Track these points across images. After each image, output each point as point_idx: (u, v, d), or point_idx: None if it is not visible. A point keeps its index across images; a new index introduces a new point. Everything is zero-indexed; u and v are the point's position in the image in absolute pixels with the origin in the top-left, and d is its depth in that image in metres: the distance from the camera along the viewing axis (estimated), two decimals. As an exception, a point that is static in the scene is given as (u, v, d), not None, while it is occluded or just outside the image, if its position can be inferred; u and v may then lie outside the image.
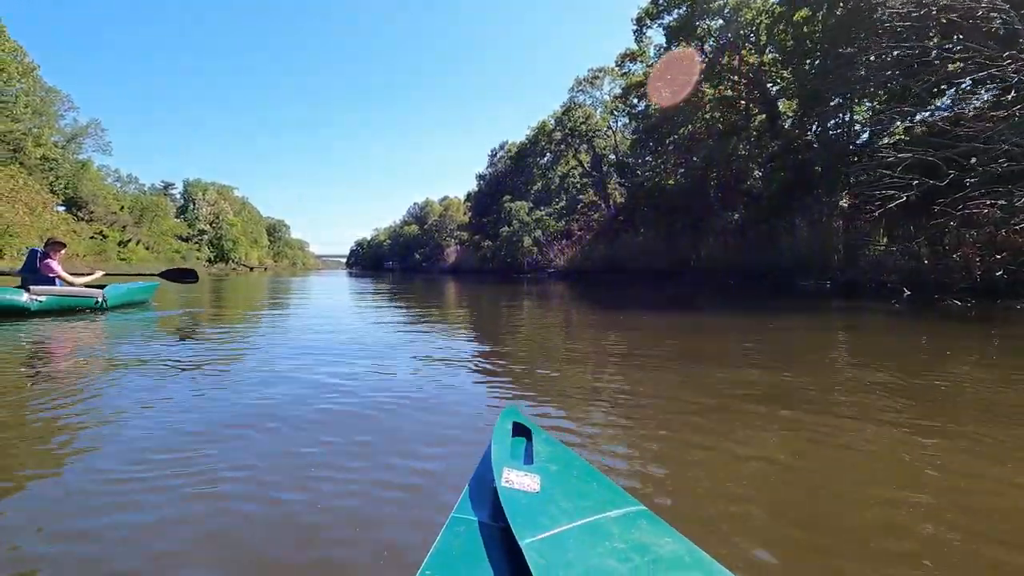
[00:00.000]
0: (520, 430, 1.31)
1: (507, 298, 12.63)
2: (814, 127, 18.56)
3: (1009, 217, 6.54)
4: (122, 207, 51.85)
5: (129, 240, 50.52)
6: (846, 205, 16.19)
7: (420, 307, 9.71)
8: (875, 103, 16.19)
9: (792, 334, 5.64)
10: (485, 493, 1.03)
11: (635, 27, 22.52)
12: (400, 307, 9.69)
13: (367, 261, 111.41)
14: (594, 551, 0.84)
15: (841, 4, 15.46)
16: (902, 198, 7.50)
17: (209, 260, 68.20)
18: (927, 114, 13.59)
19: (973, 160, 7.31)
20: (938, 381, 3.27)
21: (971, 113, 9.14)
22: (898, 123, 14.22)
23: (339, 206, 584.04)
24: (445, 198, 72.67)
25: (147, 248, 52.80)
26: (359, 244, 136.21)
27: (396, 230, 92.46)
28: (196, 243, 67.43)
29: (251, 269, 71.46)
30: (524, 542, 0.83)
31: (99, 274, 7.52)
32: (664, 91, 20.76)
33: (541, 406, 2.68)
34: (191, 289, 13.93)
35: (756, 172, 19.61)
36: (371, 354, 4.18)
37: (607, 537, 0.89)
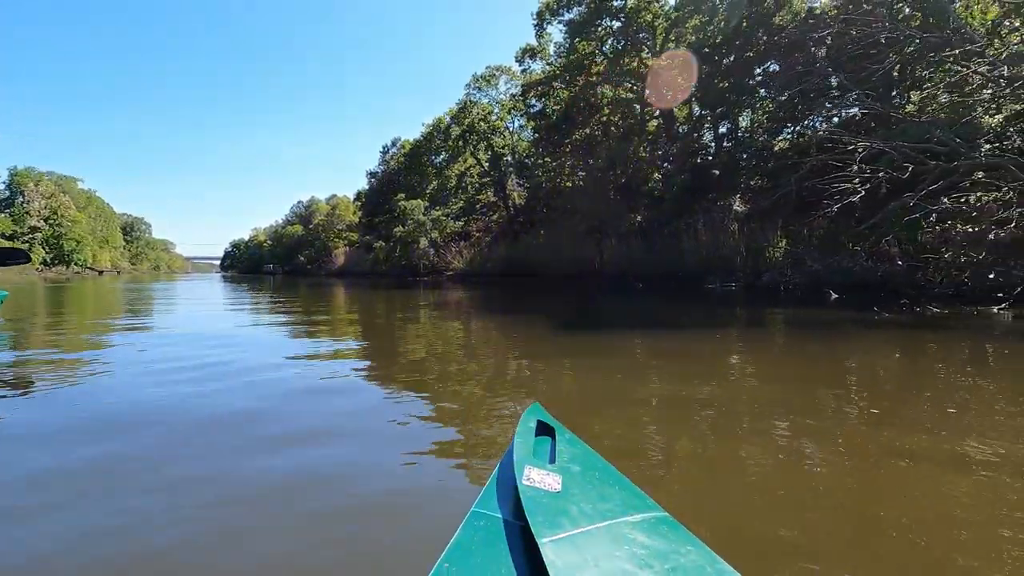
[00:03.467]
0: (544, 429, 1.30)
1: (404, 307, 11.14)
2: (708, 131, 19.01)
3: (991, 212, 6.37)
4: (-83, 197, 42.36)
5: (-73, 238, 41.37)
6: (740, 208, 16.60)
7: (313, 321, 7.97)
8: (763, 113, 16.79)
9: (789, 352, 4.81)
10: (506, 490, 1.02)
11: (536, 22, 21.83)
12: (288, 321, 7.89)
13: (244, 264, 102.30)
14: (613, 555, 0.83)
15: (738, 13, 15.76)
16: (860, 192, 7.21)
17: (45, 262, 58.31)
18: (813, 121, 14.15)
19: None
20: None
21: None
22: (790, 128, 14.73)
23: (213, 204, 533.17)
24: (333, 196, 68.26)
25: (-46, 247, 43.48)
26: (235, 245, 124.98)
27: (278, 230, 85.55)
28: (26, 242, 57.22)
29: (100, 273, 62.81)
30: (542, 541, 0.83)
31: None
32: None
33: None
34: (12, 299, 11.17)
35: (656, 175, 19.69)
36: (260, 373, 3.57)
37: (627, 542, 0.87)
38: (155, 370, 3.85)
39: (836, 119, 13.50)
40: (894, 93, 12.58)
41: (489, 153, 31.79)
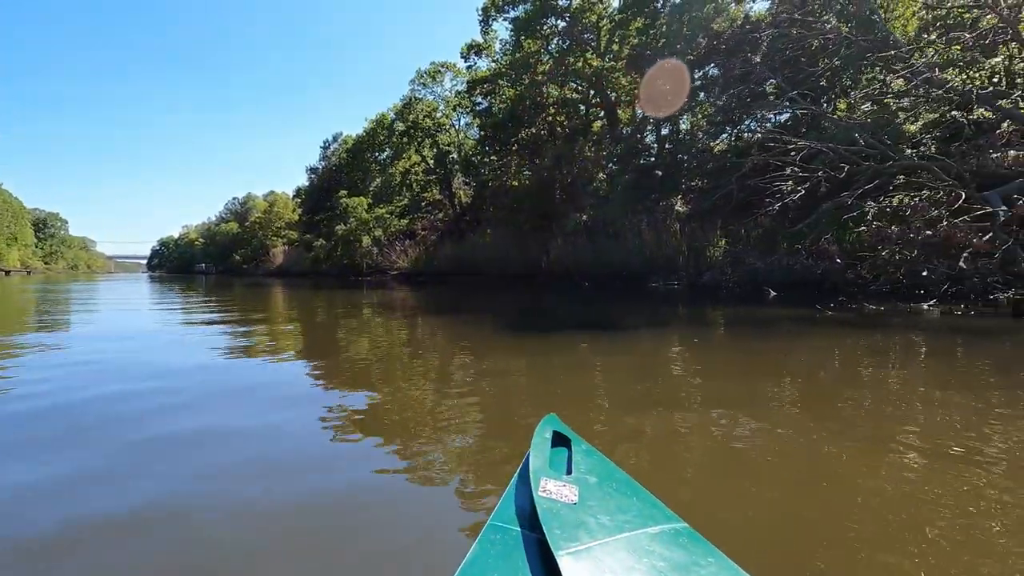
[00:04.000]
0: (560, 439, 1.27)
1: (345, 308, 10.67)
2: (651, 133, 19.36)
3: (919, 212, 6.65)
4: None
5: None
6: (682, 209, 16.96)
7: (248, 320, 7.42)
8: (702, 116, 17.23)
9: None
10: (522, 502, 0.99)
11: (481, 17, 21.58)
12: (219, 320, 7.31)
13: (174, 263, 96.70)
14: (632, 568, 0.81)
15: (678, 16, 16.08)
16: (800, 191, 7.42)
17: (-60, 262, 53.00)
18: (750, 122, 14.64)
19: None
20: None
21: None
22: (728, 131, 15.18)
23: (141, 200, 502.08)
24: (271, 193, 65.50)
25: None
26: (164, 244, 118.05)
27: (211, 228, 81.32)
28: (-83, 240, 51.82)
29: (7, 273, 57.78)
30: (559, 554, 0.81)
31: None
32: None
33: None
34: None
35: (601, 175, 19.87)
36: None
37: (646, 553, 0.85)
38: (30, 379, 3.36)
39: (769, 123, 14.01)
40: (823, 100, 13.17)
41: (434, 150, 31.25)
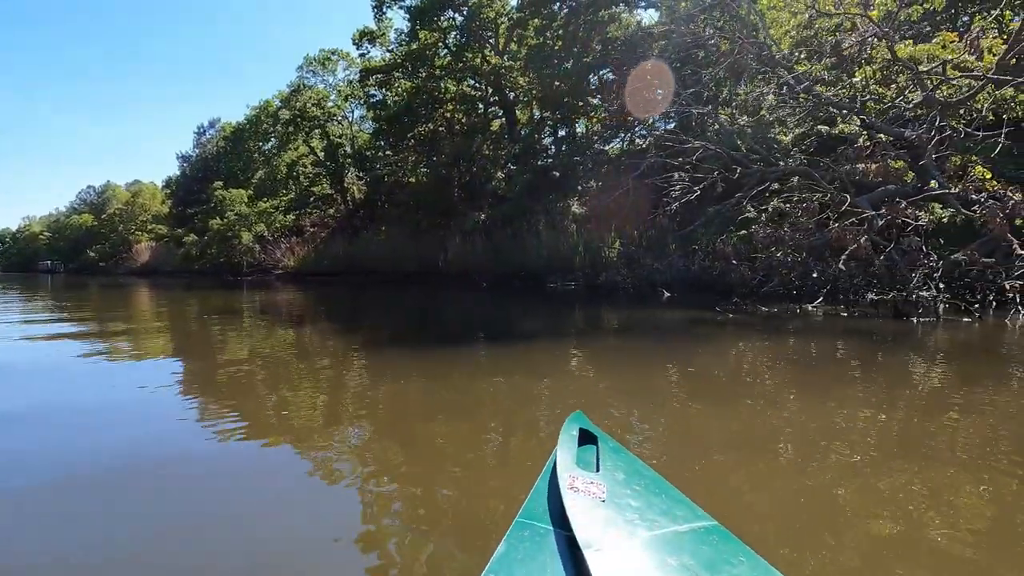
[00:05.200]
0: (587, 437, 1.26)
1: (213, 312, 9.47)
2: (549, 133, 19.52)
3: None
4: None
5: None
6: (578, 210, 17.22)
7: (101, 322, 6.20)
8: (596, 120, 17.62)
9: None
10: (551, 499, 0.98)
11: (375, 3, 20.50)
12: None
13: (12, 260, 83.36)
14: (662, 566, 0.80)
15: (575, 19, 16.25)
16: (696, 191, 7.56)
17: None
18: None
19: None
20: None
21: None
22: (622, 136, 15.60)
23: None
24: (135, 182, 58.48)
25: None
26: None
27: (60, 220, 71.12)
28: None
29: None
30: (588, 551, 0.80)
31: None
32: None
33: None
34: None
35: (499, 173, 19.69)
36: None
37: (676, 551, 0.84)
38: None
39: (659, 129, 14.59)
40: (708, 108, 13.90)
41: (325, 142, 29.40)
